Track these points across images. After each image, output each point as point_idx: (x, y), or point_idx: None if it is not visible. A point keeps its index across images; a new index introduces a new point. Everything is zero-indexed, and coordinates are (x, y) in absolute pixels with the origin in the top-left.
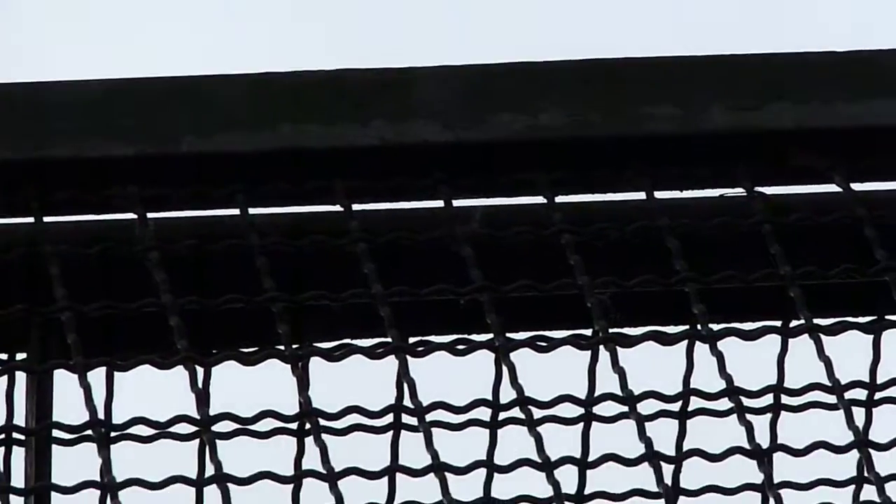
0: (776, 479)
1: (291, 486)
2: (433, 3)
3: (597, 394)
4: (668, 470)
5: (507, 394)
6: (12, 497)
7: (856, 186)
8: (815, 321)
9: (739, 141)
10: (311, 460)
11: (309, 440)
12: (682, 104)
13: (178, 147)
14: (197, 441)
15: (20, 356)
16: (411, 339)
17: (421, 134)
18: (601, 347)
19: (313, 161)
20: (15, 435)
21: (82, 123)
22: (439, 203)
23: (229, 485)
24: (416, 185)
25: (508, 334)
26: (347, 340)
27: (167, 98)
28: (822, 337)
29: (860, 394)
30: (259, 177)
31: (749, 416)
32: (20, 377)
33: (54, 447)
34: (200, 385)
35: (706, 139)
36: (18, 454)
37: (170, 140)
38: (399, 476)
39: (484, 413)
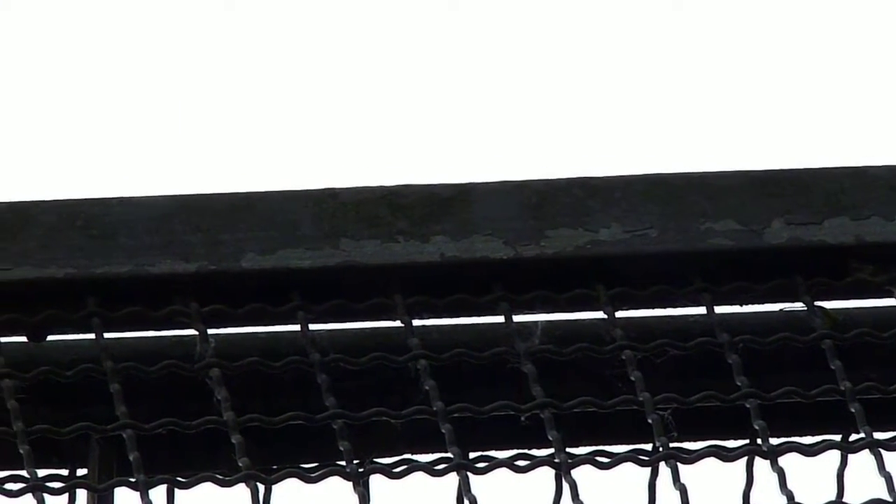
0: None
1: None
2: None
3: None
4: None
5: None
6: None
7: None
8: (876, 436)
9: (799, 255)
10: None
11: None
12: (742, 219)
13: (238, 263)
14: None
15: (81, 472)
16: (472, 455)
17: (481, 250)
18: (662, 463)
19: (373, 277)
20: None
21: (144, 239)
22: (499, 318)
23: None
24: (475, 301)
25: (569, 449)
26: (408, 456)
27: (229, 214)
28: (883, 452)
29: None
30: (320, 293)
31: None
32: (81, 494)
33: None
34: (262, 502)
35: (766, 254)
36: None
37: (231, 256)
38: None
39: None
